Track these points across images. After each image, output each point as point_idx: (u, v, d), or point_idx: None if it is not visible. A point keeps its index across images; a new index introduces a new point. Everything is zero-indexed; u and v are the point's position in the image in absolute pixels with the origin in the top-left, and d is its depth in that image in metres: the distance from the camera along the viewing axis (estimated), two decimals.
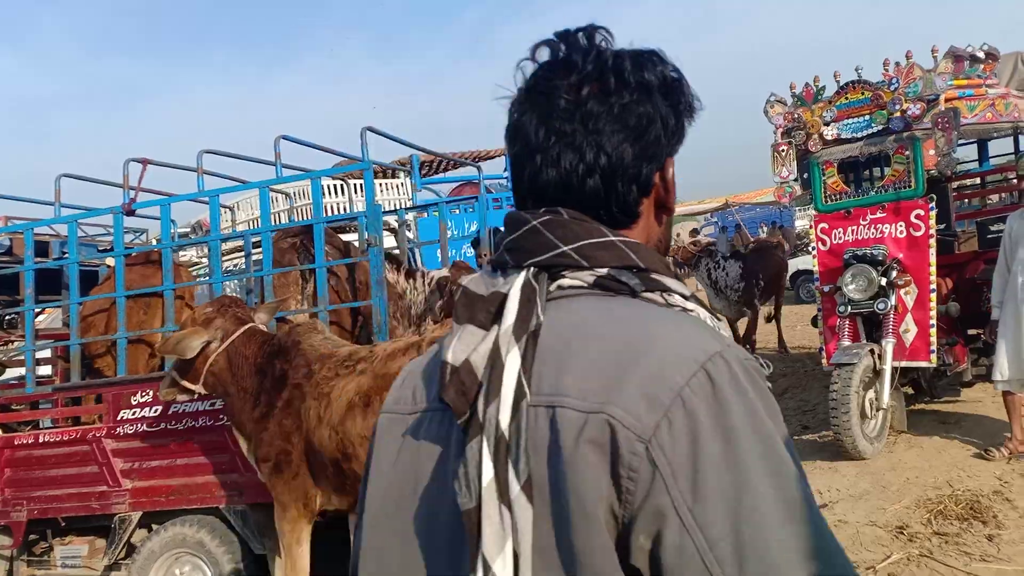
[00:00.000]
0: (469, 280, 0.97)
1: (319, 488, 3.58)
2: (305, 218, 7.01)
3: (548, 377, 0.86)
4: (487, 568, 0.80)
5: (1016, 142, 7.43)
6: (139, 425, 4.43)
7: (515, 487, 0.81)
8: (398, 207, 6.63)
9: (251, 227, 7.20)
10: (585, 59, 0.96)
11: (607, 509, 0.80)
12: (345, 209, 7.35)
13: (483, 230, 5.28)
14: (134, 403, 4.43)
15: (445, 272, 4.87)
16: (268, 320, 3.84)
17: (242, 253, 5.55)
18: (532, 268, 0.92)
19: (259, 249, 4.71)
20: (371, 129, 4.36)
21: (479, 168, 6.72)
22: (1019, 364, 5.35)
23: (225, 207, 7.17)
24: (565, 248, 0.92)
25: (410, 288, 4.94)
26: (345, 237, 6.07)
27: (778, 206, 17.76)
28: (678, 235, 35.84)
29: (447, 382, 0.88)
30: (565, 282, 0.93)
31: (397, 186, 7.32)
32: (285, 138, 4.61)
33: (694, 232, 28.30)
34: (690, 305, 0.94)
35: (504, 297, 0.91)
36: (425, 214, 6.73)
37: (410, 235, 6.75)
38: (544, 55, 0.98)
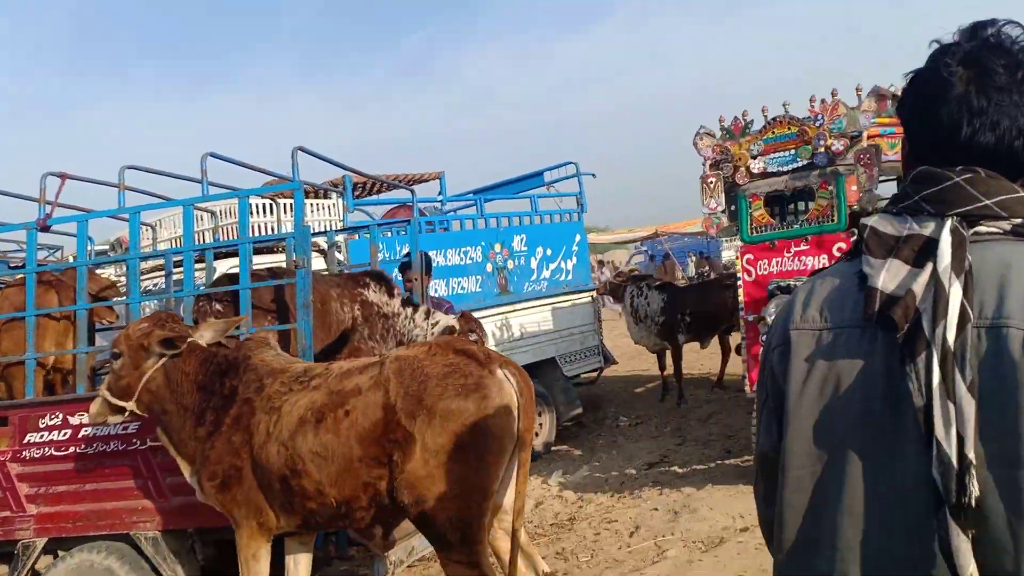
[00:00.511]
0: (876, 222, 1.24)
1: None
2: (231, 238, 6.83)
3: (989, 305, 1.12)
4: (939, 447, 1.07)
5: None
6: (46, 449, 4.21)
7: (962, 388, 1.08)
8: (329, 228, 6.52)
9: (173, 246, 6.98)
10: (1013, 46, 1.22)
11: None
12: (274, 229, 7.20)
13: (414, 253, 5.20)
14: (41, 426, 4.21)
15: (453, 322, 4.76)
16: (213, 339, 3.69)
17: (163, 273, 5.36)
18: (955, 217, 1.17)
19: (180, 269, 4.55)
20: (302, 149, 4.28)
21: (412, 191, 6.65)
22: None
23: (147, 225, 6.95)
24: (988, 202, 1.17)
25: (405, 316, 4.81)
26: (272, 258, 5.92)
27: (705, 236, 18.04)
28: (610, 262, 36.33)
29: (881, 305, 1.17)
30: (983, 229, 1.17)
31: (328, 207, 7.20)
32: (212, 155, 4.49)
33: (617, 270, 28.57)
34: None
35: (926, 240, 1.17)
36: (357, 236, 6.63)
37: (341, 257, 6.63)
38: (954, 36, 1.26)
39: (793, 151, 5.95)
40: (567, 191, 9.50)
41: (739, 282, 6.41)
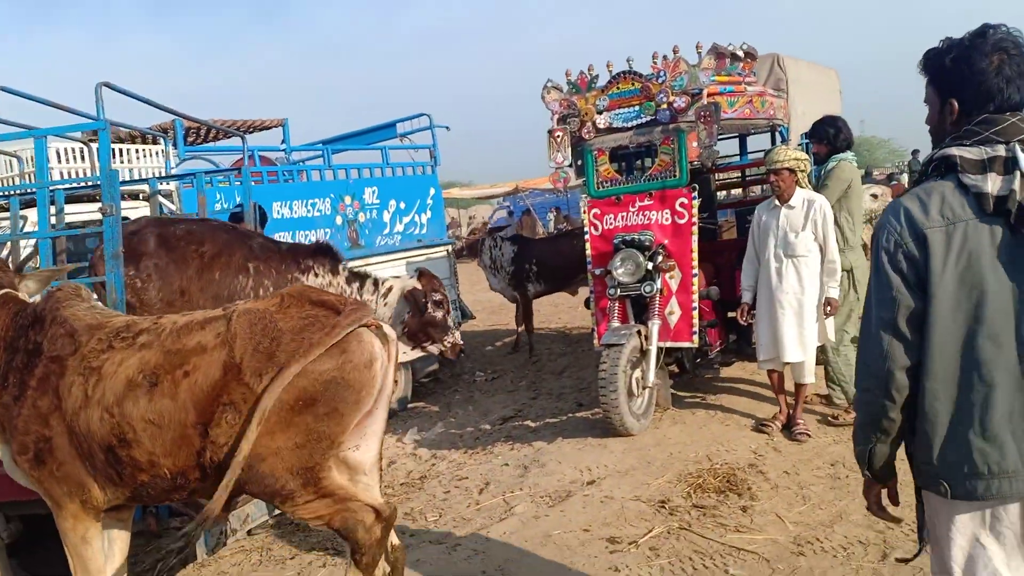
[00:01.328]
0: (961, 151, 2.01)
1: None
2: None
3: None
4: None
5: (773, 138, 7.99)
6: None
7: None
8: (155, 176, 6.07)
9: None
10: (1019, 39, 2.03)
11: None
12: (88, 176, 6.58)
13: (247, 203, 4.92)
14: None
15: (414, 283, 4.42)
16: (38, 290, 3.30)
17: None
18: (1018, 143, 1.97)
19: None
20: (109, 85, 3.87)
21: (243, 138, 6.29)
22: (775, 346, 5.72)
23: None
24: None
25: (351, 293, 4.43)
26: (85, 207, 5.45)
27: (565, 192, 18.23)
28: (472, 218, 36.29)
29: (996, 202, 1.94)
30: None
31: (157, 153, 6.69)
32: (5, 90, 3.99)
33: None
34: None
35: (1005, 158, 1.97)
36: (192, 185, 6.21)
37: (173, 206, 6.22)
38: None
39: (637, 107, 6.00)
40: (421, 144, 9.30)
41: (586, 236, 6.45)
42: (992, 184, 1.97)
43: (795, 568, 3.87)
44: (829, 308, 5.65)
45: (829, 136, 6.08)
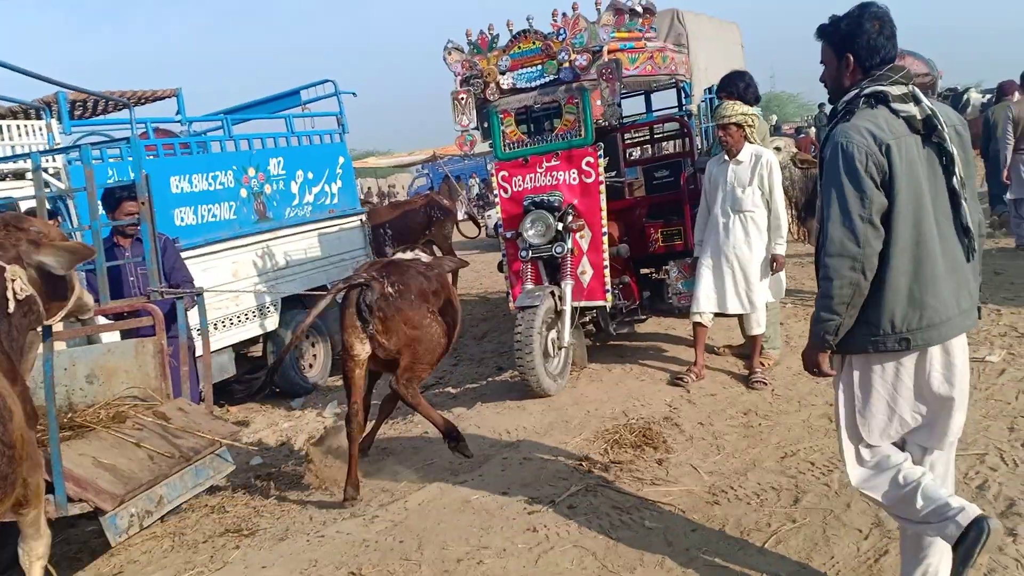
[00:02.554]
0: (887, 88, 2.69)
1: None
2: None
3: (944, 114, 2.77)
4: (953, 174, 2.67)
5: (679, 94, 8.06)
6: None
7: (957, 152, 2.69)
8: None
9: None
10: (886, 13, 2.75)
11: None
12: None
13: (138, 176, 4.71)
14: None
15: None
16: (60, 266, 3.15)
17: None
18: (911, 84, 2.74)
19: None
20: None
21: (131, 108, 6.01)
22: (717, 298, 5.79)
23: None
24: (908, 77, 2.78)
25: None
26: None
27: (474, 158, 18.14)
28: (392, 186, 35.85)
29: (921, 124, 2.67)
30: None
31: (40, 128, 6.33)
32: None
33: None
34: None
35: (912, 92, 2.70)
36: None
37: (60, 184, 5.91)
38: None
39: (540, 66, 5.94)
40: (327, 111, 9.06)
41: (496, 199, 6.41)
42: (912, 109, 2.67)
43: (710, 517, 3.95)
44: (775, 264, 5.72)
45: (739, 90, 6.13)
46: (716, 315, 5.97)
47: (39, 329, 3.27)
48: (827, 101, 2.94)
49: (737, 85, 6.12)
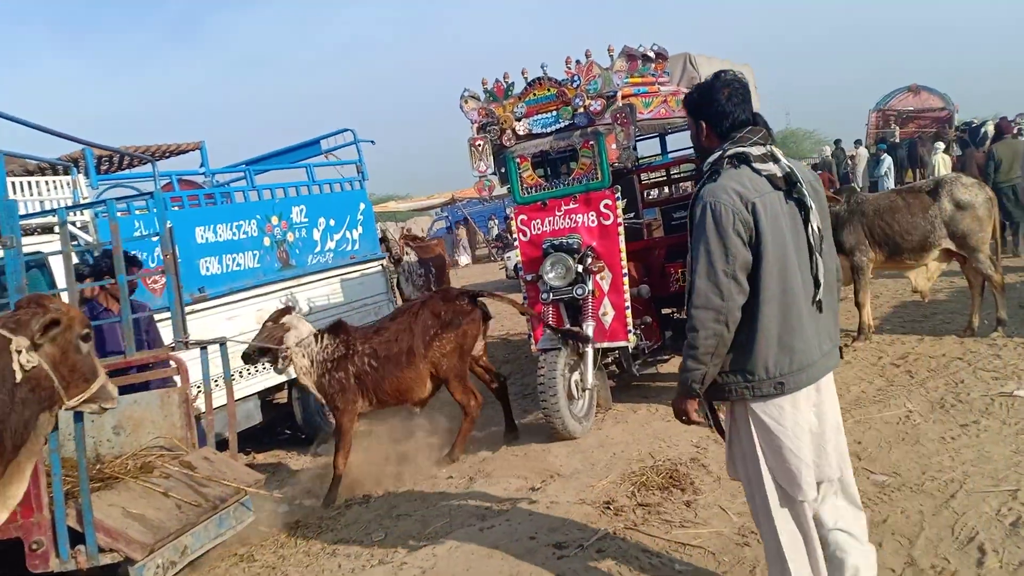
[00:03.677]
0: (748, 150, 2.86)
1: None
2: None
3: (801, 172, 2.94)
4: (811, 227, 2.87)
5: None
6: None
7: (813, 203, 2.89)
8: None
9: None
10: (736, 79, 3.00)
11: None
12: None
13: (161, 228, 4.81)
14: None
15: None
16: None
17: None
18: (772, 143, 2.95)
19: None
20: (0, 114, 3.70)
21: (154, 164, 6.15)
22: None
23: None
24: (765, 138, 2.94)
25: None
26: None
27: (492, 200, 18.32)
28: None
29: (782, 181, 2.85)
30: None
31: (68, 184, 6.49)
32: None
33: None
34: None
35: (771, 152, 2.89)
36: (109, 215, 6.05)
37: (89, 237, 6.03)
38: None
39: (555, 112, 6.04)
40: (347, 159, 9.21)
41: (516, 242, 6.47)
42: (773, 168, 2.85)
43: (740, 559, 3.91)
44: None
45: None
46: None
47: (54, 411, 3.23)
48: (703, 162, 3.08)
49: None
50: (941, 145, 16.37)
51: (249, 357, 6.09)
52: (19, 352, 3.07)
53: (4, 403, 3.09)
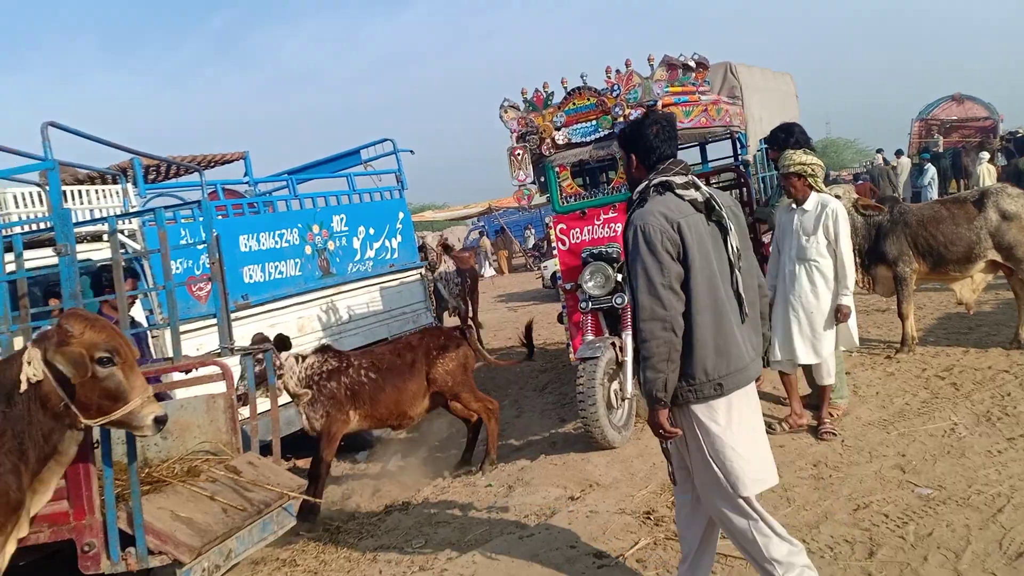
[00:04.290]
0: (671, 179, 3.19)
1: None
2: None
3: (720, 197, 3.29)
4: (731, 246, 3.19)
5: (734, 145, 8.08)
6: None
7: (732, 226, 3.22)
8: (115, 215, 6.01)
9: None
10: (664, 118, 3.45)
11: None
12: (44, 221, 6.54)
13: (208, 236, 4.91)
14: None
15: None
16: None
17: None
18: (692, 173, 3.32)
19: None
20: (55, 124, 3.83)
21: (201, 172, 6.28)
22: (788, 347, 5.61)
23: None
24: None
25: None
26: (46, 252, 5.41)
27: (529, 210, 18.36)
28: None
29: (703, 204, 3.17)
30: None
31: (117, 192, 6.65)
32: None
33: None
34: None
35: (692, 181, 3.23)
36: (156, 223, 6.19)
37: (136, 245, 6.17)
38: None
39: (594, 121, 6.05)
40: (386, 168, 9.32)
41: (555, 251, 6.48)
42: (695, 195, 3.18)
43: None
44: (839, 314, 5.52)
45: (779, 141, 6.12)
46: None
47: (78, 430, 3.27)
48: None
49: (779, 136, 6.11)
50: (986, 155, 16.10)
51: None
52: (28, 363, 3.12)
53: (19, 414, 3.15)
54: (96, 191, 6.54)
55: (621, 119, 5.90)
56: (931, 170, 18.25)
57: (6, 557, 3.20)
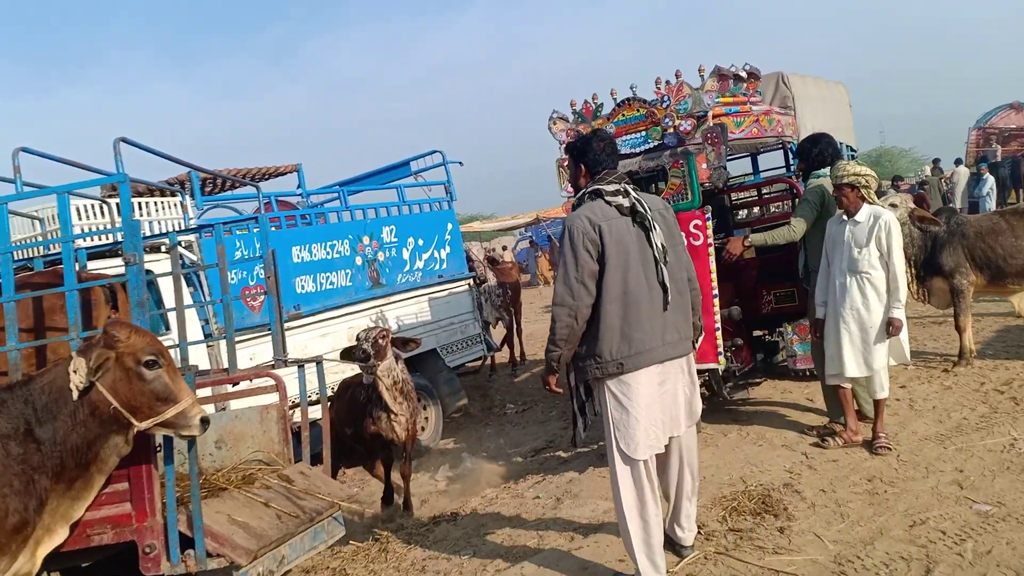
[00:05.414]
0: (603, 187, 3.87)
1: None
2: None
3: (649, 202, 3.92)
4: (655, 246, 3.79)
5: (786, 155, 7.99)
6: None
7: (659, 229, 3.83)
8: (177, 228, 6.19)
9: None
10: (606, 137, 4.21)
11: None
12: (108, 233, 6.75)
13: (264, 250, 5.00)
14: None
15: None
16: None
17: None
18: (624, 180, 3.96)
19: None
20: (126, 140, 3.97)
21: (257, 187, 6.41)
22: (840, 361, 5.53)
23: None
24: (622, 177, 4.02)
25: None
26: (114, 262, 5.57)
27: None
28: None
29: (629, 209, 3.79)
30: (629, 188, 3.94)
31: (175, 205, 6.83)
32: (26, 151, 4.10)
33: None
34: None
35: (623, 188, 3.86)
36: (211, 235, 6.34)
37: (194, 257, 6.32)
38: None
39: (644, 132, 6.02)
40: (435, 180, 9.40)
41: None
42: (622, 201, 3.79)
43: None
44: (891, 328, 5.40)
45: (804, 153, 6.04)
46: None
47: (126, 436, 3.40)
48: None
49: (804, 147, 6.05)
50: None
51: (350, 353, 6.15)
52: (75, 372, 3.24)
53: (64, 423, 3.27)
54: (156, 203, 6.72)
55: (671, 130, 5.87)
56: (990, 180, 17.82)
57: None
